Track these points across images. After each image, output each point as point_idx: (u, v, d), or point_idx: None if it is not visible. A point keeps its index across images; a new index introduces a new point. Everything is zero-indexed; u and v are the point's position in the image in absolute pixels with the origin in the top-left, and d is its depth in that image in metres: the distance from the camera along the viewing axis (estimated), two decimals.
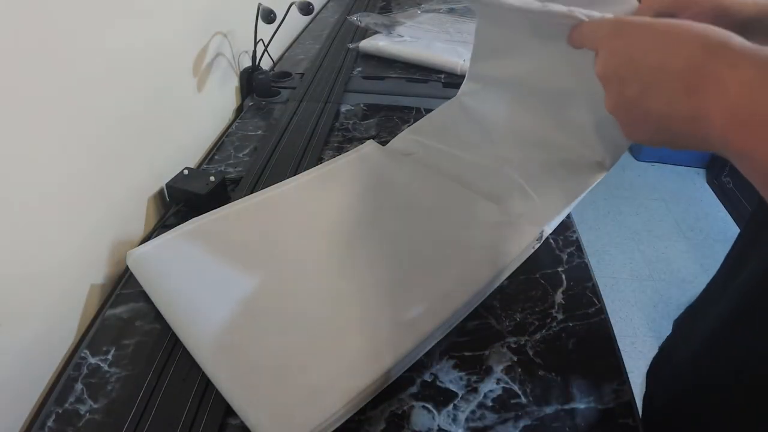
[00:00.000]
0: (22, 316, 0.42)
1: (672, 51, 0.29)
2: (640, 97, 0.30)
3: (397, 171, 0.63)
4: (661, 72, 0.29)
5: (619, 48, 0.32)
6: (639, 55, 0.30)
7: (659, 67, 0.29)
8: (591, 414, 0.41)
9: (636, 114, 0.31)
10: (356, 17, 1.13)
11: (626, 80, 0.31)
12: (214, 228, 0.54)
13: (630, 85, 0.31)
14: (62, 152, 0.46)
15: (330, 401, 0.38)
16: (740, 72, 0.26)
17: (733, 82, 0.26)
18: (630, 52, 0.31)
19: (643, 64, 0.30)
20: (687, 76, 0.28)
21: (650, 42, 0.30)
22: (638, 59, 0.30)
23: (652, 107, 0.30)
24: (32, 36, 0.41)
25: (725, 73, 0.26)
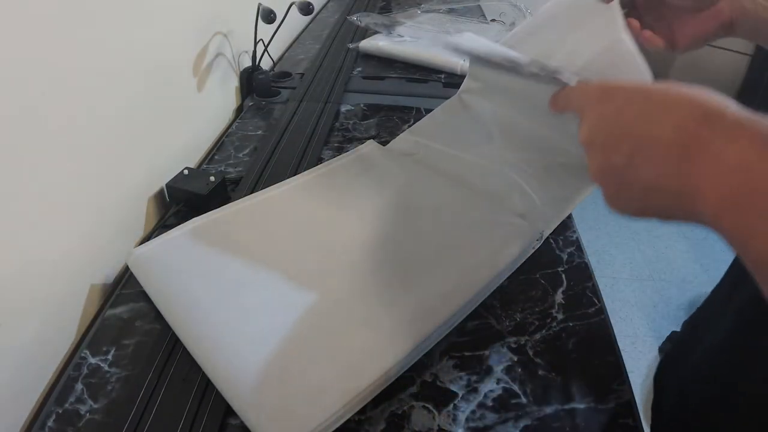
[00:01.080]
0: (22, 316, 0.42)
1: (663, 119, 0.27)
2: (627, 166, 0.28)
3: (397, 171, 0.63)
4: (650, 141, 0.27)
5: (608, 114, 0.30)
6: (628, 122, 0.29)
7: (649, 135, 0.27)
8: (591, 414, 0.41)
9: (621, 184, 0.29)
10: (356, 17, 1.13)
11: (613, 148, 0.29)
12: (214, 228, 0.54)
13: (617, 153, 0.29)
14: (62, 152, 0.46)
15: (330, 401, 0.38)
16: (737, 147, 0.24)
17: (729, 158, 0.24)
18: (619, 118, 0.29)
19: (632, 132, 0.28)
20: (678, 148, 0.26)
21: (640, 108, 0.28)
22: (627, 126, 0.29)
23: (640, 178, 0.28)
24: (32, 36, 0.41)
25: (720, 147, 0.25)
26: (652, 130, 0.27)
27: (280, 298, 0.47)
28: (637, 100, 0.29)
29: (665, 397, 0.53)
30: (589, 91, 0.33)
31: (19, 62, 0.40)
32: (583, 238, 0.59)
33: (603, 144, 0.30)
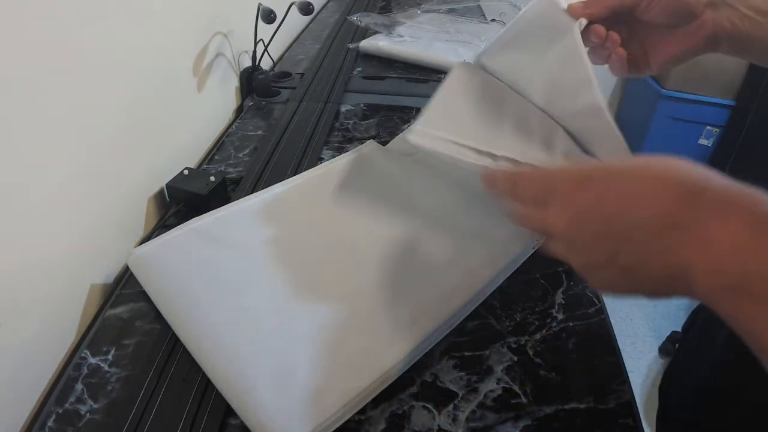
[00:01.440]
0: (22, 316, 0.42)
1: (644, 205, 0.26)
2: (611, 259, 0.27)
3: (397, 171, 0.63)
4: (634, 231, 0.26)
5: (585, 207, 0.28)
6: (607, 216, 0.27)
7: (631, 225, 0.26)
8: (591, 414, 0.41)
9: (609, 274, 0.28)
10: (356, 17, 1.13)
11: (596, 246, 0.28)
12: (215, 228, 0.54)
13: (600, 250, 0.27)
14: (62, 153, 0.46)
15: (330, 401, 0.38)
16: (726, 228, 0.23)
17: (718, 240, 0.23)
18: (596, 213, 0.27)
19: (613, 227, 0.27)
20: (662, 235, 0.25)
21: (618, 197, 0.27)
22: (607, 222, 0.27)
23: (626, 268, 0.27)
24: (32, 36, 0.41)
25: (708, 228, 0.23)
26: (634, 219, 0.26)
27: (280, 298, 0.47)
28: (615, 187, 0.27)
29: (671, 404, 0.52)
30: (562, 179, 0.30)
31: (18, 62, 0.40)
32: None
33: (585, 244, 0.28)
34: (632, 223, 0.26)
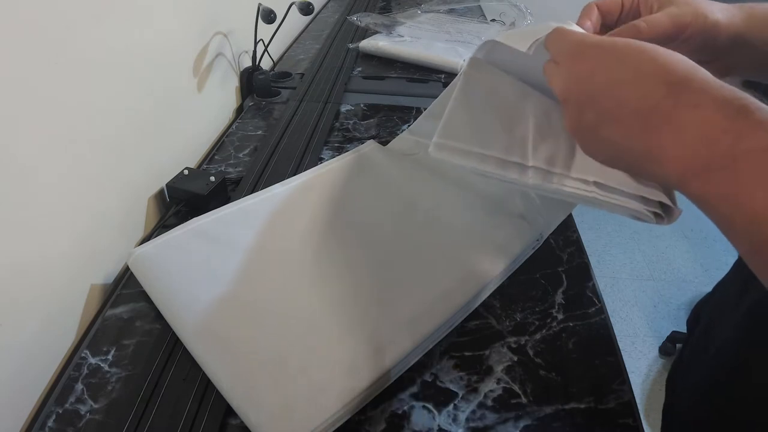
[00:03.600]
0: (22, 316, 0.42)
1: (632, 86, 0.28)
2: (598, 124, 0.29)
3: (397, 171, 0.63)
4: (618, 105, 0.28)
5: (579, 73, 0.30)
6: (599, 85, 0.29)
7: (617, 99, 0.28)
8: (591, 414, 0.41)
9: (593, 140, 0.31)
10: (356, 17, 1.13)
11: (586, 106, 0.30)
12: (215, 228, 0.54)
13: (589, 111, 0.30)
14: (62, 153, 0.46)
15: (330, 401, 0.38)
16: (700, 116, 0.25)
17: (691, 128, 0.25)
18: (591, 79, 0.30)
19: (602, 94, 0.29)
20: (643, 114, 0.27)
21: (611, 72, 0.29)
22: (598, 89, 0.29)
23: (609, 137, 0.29)
24: (31, 36, 0.41)
25: (683, 117, 0.25)
26: (621, 95, 0.28)
27: (280, 298, 0.47)
28: (609, 63, 0.29)
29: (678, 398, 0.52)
30: (562, 43, 0.33)
31: (18, 62, 0.40)
32: (583, 238, 0.59)
33: (577, 101, 0.31)
34: (617, 99, 0.28)
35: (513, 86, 0.41)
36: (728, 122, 0.24)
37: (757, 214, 0.22)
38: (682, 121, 0.25)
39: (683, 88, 0.26)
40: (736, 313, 0.45)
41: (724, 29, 0.36)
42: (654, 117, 0.26)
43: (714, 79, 0.26)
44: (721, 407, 0.45)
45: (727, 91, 0.25)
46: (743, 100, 0.24)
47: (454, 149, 0.42)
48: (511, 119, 0.39)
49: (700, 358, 0.50)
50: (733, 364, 0.44)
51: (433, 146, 0.43)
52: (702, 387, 0.48)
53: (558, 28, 0.34)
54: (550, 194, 0.39)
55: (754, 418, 0.41)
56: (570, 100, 0.31)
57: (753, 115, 0.23)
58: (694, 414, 0.48)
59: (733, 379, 0.44)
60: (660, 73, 0.27)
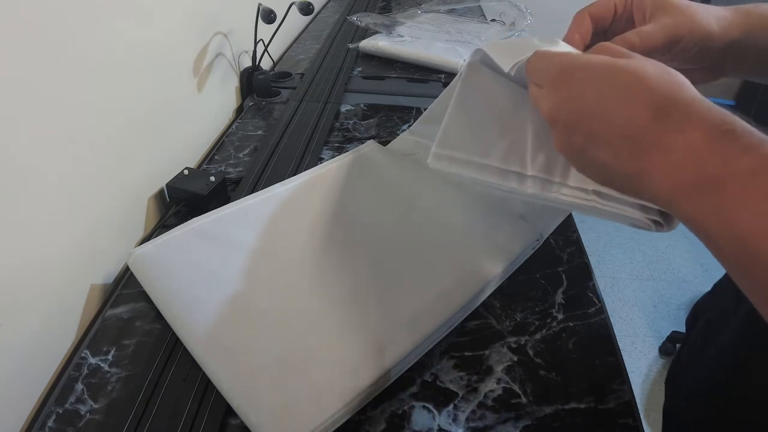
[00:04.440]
0: (22, 316, 0.42)
1: (618, 107, 0.28)
2: (585, 147, 0.30)
3: (397, 171, 0.63)
4: (606, 128, 0.28)
5: (566, 96, 0.30)
6: (587, 106, 0.29)
7: (604, 122, 0.28)
8: (591, 414, 0.41)
9: (582, 161, 0.31)
10: (356, 17, 1.13)
11: (572, 129, 0.30)
12: (215, 228, 0.54)
13: (576, 135, 0.30)
14: (62, 153, 0.46)
15: (330, 401, 0.38)
16: (686, 139, 0.25)
17: (678, 148, 0.25)
18: (579, 101, 0.30)
19: (588, 118, 0.29)
20: (631, 138, 0.27)
21: (597, 94, 0.29)
22: (586, 110, 0.29)
23: (598, 159, 0.29)
24: (31, 36, 0.41)
25: (670, 138, 0.26)
26: (608, 118, 0.28)
27: (280, 298, 0.47)
28: (595, 86, 0.29)
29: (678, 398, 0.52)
30: (547, 67, 0.32)
31: (17, 62, 0.40)
32: (583, 238, 0.59)
33: (564, 124, 0.31)
34: (605, 122, 0.28)
35: (511, 93, 0.40)
36: (715, 146, 0.24)
37: (743, 234, 0.22)
38: (669, 144, 0.26)
39: (669, 112, 0.26)
40: (736, 314, 0.45)
41: (718, 38, 0.36)
42: (642, 140, 0.27)
43: (701, 101, 0.26)
44: (721, 407, 0.45)
45: (713, 114, 0.25)
46: (730, 124, 0.25)
47: (453, 159, 0.42)
48: (509, 127, 0.39)
49: (700, 358, 0.50)
50: (733, 364, 0.44)
51: (432, 156, 0.43)
52: (702, 387, 0.48)
53: (538, 52, 0.34)
54: (549, 203, 0.39)
55: (755, 418, 0.41)
56: (558, 123, 0.31)
57: (739, 138, 0.24)
58: (694, 414, 0.48)
59: (733, 379, 0.44)
60: (646, 96, 0.27)
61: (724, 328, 0.46)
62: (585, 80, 0.30)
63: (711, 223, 0.24)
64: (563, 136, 0.31)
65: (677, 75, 0.28)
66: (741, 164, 0.23)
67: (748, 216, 0.22)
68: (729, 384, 0.44)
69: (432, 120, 0.69)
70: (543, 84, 0.32)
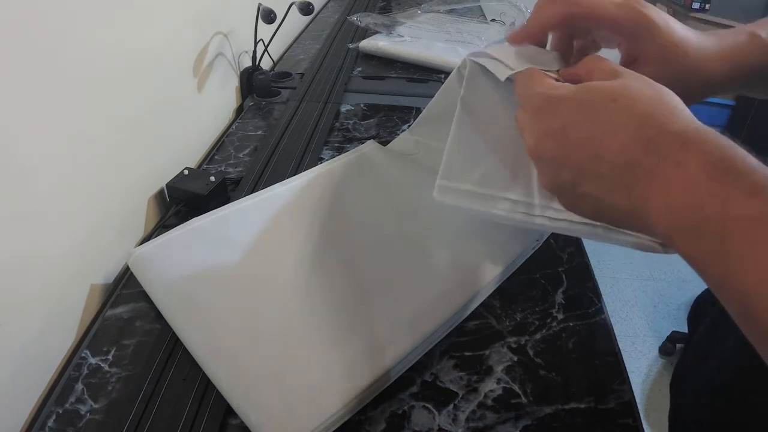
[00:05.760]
0: (22, 316, 0.42)
1: (607, 140, 0.26)
2: (575, 183, 0.28)
3: (397, 171, 0.63)
4: (596, 161, 0.27)
5: (549, 130, 0.29)
6: (572, 141, 0.27)
7: (594, 155, 0.27)
8: (591, 414, 0.41)
9: (572, 197, 0.29)
10: (356, 17, 1.13)
11: (559, 165, 0.28)
12: (215, 228, 0.54)
13: (563, 171, 0.28)
14: (62, 153, 0.46)
15: (330, 401, 0.38)
16: (683, 174, 0.23)
17: (674, 184, 0.24)
18: (562, 136, 0.28)
19: (576, 152, 0.27)
20: (624, 171, 0.26)
21: (583, 126, 0.27)
22: (571, 146, 0.27)
23: (589, 194, 0.28)
24: (31, 36, 0.41)
25: (665, 171, 0.24)
26: (598, 152, 0.26)
27: (280, 298, 0.47)
28: (582, 117, 0.27)
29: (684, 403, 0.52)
30: (532, 98, 0.30)
31: (17, 62, 0.40)
32: None
33: (551, 160, 0.29)
34: (594, 155, 0.27)
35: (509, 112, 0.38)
36: (715, 185, 0.22)
37: (745, 288, 0.21)
38: (665, 179, 0.24)
39: (662, 143, 0.25)
40: None
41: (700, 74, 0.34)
42: (635, 174, 0.25)
43: (696, 128, 0.24)
44: (723, 409, 0.45)
45: (710, 144, 0.24)
46: (729, 159, 0.23)
47: (458, 191, 0.40)
48: (513, 154, 0.37)
49: (705, 360, 0.50)
50: (737, 369, 0.44)
51: (437, 189, 0.41)
52: (707, 390, 0.48)
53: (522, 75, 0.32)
54: (558, 231, 0.37)
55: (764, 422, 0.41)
56: (543, 159, 0.29)
57: (741, 177, 0.22)
58: (700, 416, 0.48)
59: (737, 383, 0.44)
60: (636, 125, 0.26)
61: (728, 332, 0.46)
62: (571, 112, 0.28)
63: (710, 268, 0.23)
64: (550, 172, 0.29)
65: (669, 96, 0.27)
66: (745, 209, 0.21)
67: (751, 270, 0.21)
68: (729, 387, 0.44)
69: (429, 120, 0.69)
70: (526, 113, 0.31)
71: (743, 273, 0.21)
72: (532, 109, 0.30)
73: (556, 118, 0.28)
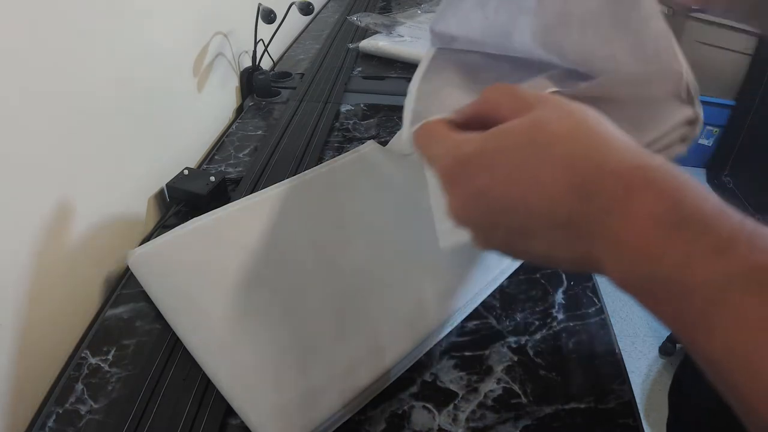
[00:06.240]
0: (22, 316, 0.42)
1: (534, 194, 0.23)
2: (511, 242, 0.25)
3: (397, 171, 0.63)
4: (529, 220, 0.23)
5: (470, 193, 0.25)
6: (497, 202, 0.24)
7: (525, 214, 0.23)
8: (591, 414, 0.41)
9: (515, 254, 0.26)
10: (356, 17, 1.13)
11: (489, 228, 0.25)
12: (214, 228, 0.54)
13: (495, 233, 0.25)
14: (62, 153, 0.46)
15: (330, 401, 0.38)
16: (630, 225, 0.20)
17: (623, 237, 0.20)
18: (485, 198, 0.24)
19: (505, 213, 0.24)
20: (562, 229, 0.22)
21: (504, 184, 0.23)
22: (497, 208, 0.24)
23: (531, 250, 0.24)
24: (31, 36, 0.41)
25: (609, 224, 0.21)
26: (528, 207, 0.23)
27: (280, 298, 0.47)
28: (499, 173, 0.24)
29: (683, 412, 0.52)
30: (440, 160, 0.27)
31: (17, 62, 0.40)
32: None
33: (478, 224, 0.26)
34: (525, 214, 0.23)
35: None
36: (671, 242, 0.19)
37: (713, 356, 0.19)
38: (609, 233, 0.21)
39: (598, 190, 0.21)
40: None
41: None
42: (574, 231, 0.22)
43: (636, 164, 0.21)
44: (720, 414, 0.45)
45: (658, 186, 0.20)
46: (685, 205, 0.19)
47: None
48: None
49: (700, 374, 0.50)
50: None
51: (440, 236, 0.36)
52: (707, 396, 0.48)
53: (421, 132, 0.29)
54: None
55: None
56: (470, 224, 0.26)
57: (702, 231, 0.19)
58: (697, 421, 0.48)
59: None
60: (562, 170, 0.22)
61: None
62: (485, 170, 0.24)
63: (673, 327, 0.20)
64: (482, 236, 0.26)
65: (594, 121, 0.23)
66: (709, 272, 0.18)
67: (719, 343, 0.18)
68: None
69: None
70: (438, 176, 0.27)
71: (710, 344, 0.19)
72: (443, 173, 0.26)
73: (470, 181, 0.25)
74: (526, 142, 0.23)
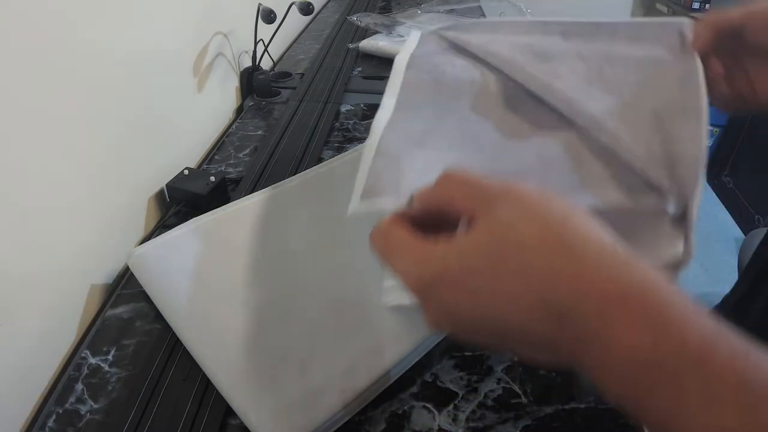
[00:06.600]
0: (23, 316, 0.42)
1: (509, 317, 0.21)
2: (496, 344, 0.24)
3: None
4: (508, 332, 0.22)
5: (441, 311, 0.24)
6: (470, 323, 0.23)
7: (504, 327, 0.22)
8: (591, 414, 0.41)
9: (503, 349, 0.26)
10: (356, 17, 1.13)
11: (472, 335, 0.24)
12: (215, 228, 0.54)
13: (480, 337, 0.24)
14: (62, 153, 0.46)
15: (330, 401, 0.38)
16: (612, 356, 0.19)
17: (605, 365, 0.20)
18: (459, 314, 0.23)
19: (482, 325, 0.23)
20: (542, 348, 0.22)
21: (476, 306, 0.22)
22: (473, 322, 0.23)
23: (518, 351, 0.24)
24: (31, 36, 0.41)
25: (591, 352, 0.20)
26: (505, 322, 0.22)
27: (280, 298, 0.47)
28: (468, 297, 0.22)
29: None
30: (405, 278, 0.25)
31: (17, 62, 0.40)
32: None
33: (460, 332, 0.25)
34: (503, 327, 0.22)
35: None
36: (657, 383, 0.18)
37: None
38: (591, 359, 0.20)
39: (575, 318, 0.20)
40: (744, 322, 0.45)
41: None
42: (554, 347, 0.21)
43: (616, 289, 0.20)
44: None
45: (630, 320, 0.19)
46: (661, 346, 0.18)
47: None
48: None
49: None
50: None
51: None
52: None
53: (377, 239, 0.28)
54: None
55: None
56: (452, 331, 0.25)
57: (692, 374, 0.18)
58: None
59: None
60: (535, 291, 0.21)
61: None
62: (454, 290, 0.23)
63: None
64: (468, 337, 0.25)
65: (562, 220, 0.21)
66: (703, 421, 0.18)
67: None
68: None
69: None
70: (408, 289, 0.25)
71: None
72: (410, 289, 0.25)
73: (440, 299, 0.24)
74: (491, 257, 0.22)
